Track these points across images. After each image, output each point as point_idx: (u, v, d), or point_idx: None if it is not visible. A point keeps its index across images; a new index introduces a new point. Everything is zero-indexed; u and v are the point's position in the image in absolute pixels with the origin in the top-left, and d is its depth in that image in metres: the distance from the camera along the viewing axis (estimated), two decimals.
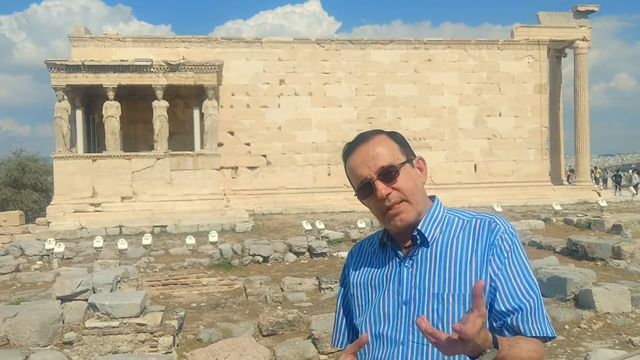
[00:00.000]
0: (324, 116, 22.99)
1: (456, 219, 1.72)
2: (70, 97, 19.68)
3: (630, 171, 36.14)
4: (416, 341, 1.61)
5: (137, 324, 6.94)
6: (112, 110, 19.24)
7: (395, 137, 1.73)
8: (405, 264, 1.68)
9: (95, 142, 21.77)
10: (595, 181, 30.49)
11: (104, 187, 19.03)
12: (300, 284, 10.53)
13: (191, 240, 13.91)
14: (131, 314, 7.02)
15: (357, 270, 1.82)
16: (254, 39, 23.14)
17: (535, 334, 1.60)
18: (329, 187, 22.49)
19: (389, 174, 1.64)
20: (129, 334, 6.84)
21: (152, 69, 19.50)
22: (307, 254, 13.41)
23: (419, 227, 1.68)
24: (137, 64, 19.52)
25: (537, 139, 24.47)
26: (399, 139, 1.73)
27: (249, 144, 22.56)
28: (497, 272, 1.62)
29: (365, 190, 1.67)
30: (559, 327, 7.06)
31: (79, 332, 7.16)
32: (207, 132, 19.94)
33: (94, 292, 8.67)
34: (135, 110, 21.24)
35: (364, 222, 15.73)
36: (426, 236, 1.67)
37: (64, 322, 7.44)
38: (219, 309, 9.39)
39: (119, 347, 6.75)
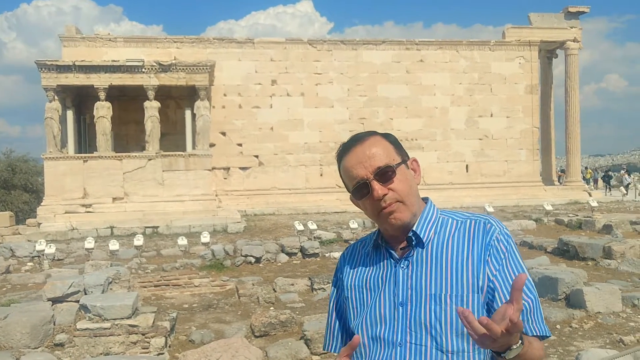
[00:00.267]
0: (316, 117, 22.99)
1: (450, 220, 1.73)
2: (61, 97, 19.57)
3: (621, 172, 36.35)
4: (414, 342, 1.61)
5: (129, 326, 6.92)
6: (103, 110, 19.15)
7: (389, 138, 1.74)
8: (400, 265, 1.68)
9: (86, 142, 21.67)
10: (585, 182, 30.65)
11: (95, 188, 18.93)
12: (292, 285, 10.52)
13: (183, 241, 13.86)
14: (123, 315, 6.98)
15: (350, 272, 1.81)
16: (246, 39, 23.11)
17: (535, 333, 1.61)
18: (321, 187, 22.51)
19: (385, 174, 1.64)
20: (120, 335, 6.81)
21: (143, 70, 19.43)
22: (300, 254, 13.40)
23: (414, 228, 1.68)
24: (128, 64, 19.44)
25: (528, 140, 24.58)
26: (392, 140, 1.74)
27: (241, 145, 22.53)
28: (495, 272, 1.63)
29: (361, 190, 1.67)
30: (550, 327, 7.08)
31: (70, 333, 7.12)
32: (199, 132, 19.89)
33: (86, 294, 8.62)
34: (126, 110, 21.16)
35: (356, 223, 15.74)
36: (421, 237, 1.68)
37: (55, 324, 7.40)
38: (211, 310, 9.37)
39: (110, 348, 6.72)
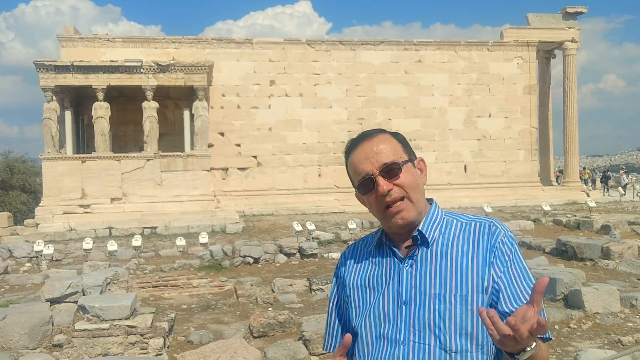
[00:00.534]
0: (315, 117, 22.99)
1: (454, 221, 1.74)
2: (59, 97, 19.57)
3: (620, 172, 36.39)
4: (417, 341, 1.61)
5: (127, 326, 6.91)
6: (101, 111, 19.14)
7: (397, 136, 1.76)
8: (404, 264, 1.69)
9: (84, 143, 21.66)
10: (583, 182, 30.68)
11: (94, 189, 18.92)
12: (291, 285, 10.52)
13: (181, 241, 13.85)
14: (121, 315, 6.97)
15: (353, 271, 1.81)
16: (244, 39, 23.11)
17: (541, 335, 1.60)
18: (319, 188, 22.52)
19: (391, 170, 1.65)
20: (119, 336, 6.80)
21: (142, 70, 19.43)
22: (298, 255, 13.39)
23: (420, 228, 1.69)
24: (126, 64, 19.44)
25: (526, 140, 24.61)
26: (401, 139, 1.75)
27: (239, 145, 22.53)
28: (500, 274, 1.64)
29: (366, 185, 1.68)
30: (549, 327, 7.09)
31: (69, 334, 7.11)
32: (197, 133, 19.88)
33: (84, 294, 8.61)
34: (124, 111, 21.15)
35: (354, 223, 15.73)
36: (427, 237, 1.69)
37: (53, 325, 7.39)
38: (210, 311, 9.37)
39: (109, 349, 6.71)
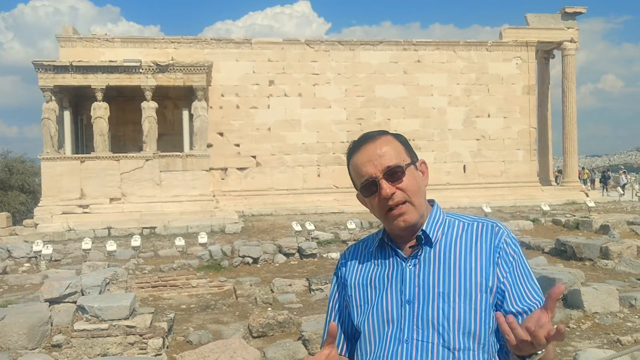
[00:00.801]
0: (314, 117, 22.99)
1: (457, 221, 1.75)
2: (58, 97, 19.54)
3: (620, 172, 36.41)
4: (420, 339, 1.62)
5: (127, 326, 6.90)
6: (100, 111, 19.12)
7: (400, 138, 1.76)
8: (408, 263, 1.70)
9: (83, 143, 21.64)
10: (582, 182, 30.68)
11: (93, 189, 18.90)
12: (290, 285, 10.52)
13: (180, 241, 13.85)
14: (120, 316, 6.97)
15: (354, 270, 1.82)
16: (243, 39, 23.10)
17: None
18: (318, 188, 22.52)
19: (395, 174, 1.66)
20: (118, 336, 6.79)
21: (140, 70, 19.41)
22: (297, 255, 13.39)
23: (424, 228, 1.70)
24: (125, 64, 19.42)
25: (525, 140, 24.62)
26: (403, 141, 1.76)
27: (238, 145, 22.52)
28: (506, 274, 1.66)
29: (369, 188, 1.68)
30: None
31: (68, 334, 7.10)
32: (197, 133, 19.87)
33: (83, 294, 8.60)
34: (123, 111, 21.14)
35: (353, 223, 15.73)
36: (430, 237, 1.70)
37: (52, 325, 7.38)
38: (209, 311, 9.36)
39: (108, 349, 6.71)
